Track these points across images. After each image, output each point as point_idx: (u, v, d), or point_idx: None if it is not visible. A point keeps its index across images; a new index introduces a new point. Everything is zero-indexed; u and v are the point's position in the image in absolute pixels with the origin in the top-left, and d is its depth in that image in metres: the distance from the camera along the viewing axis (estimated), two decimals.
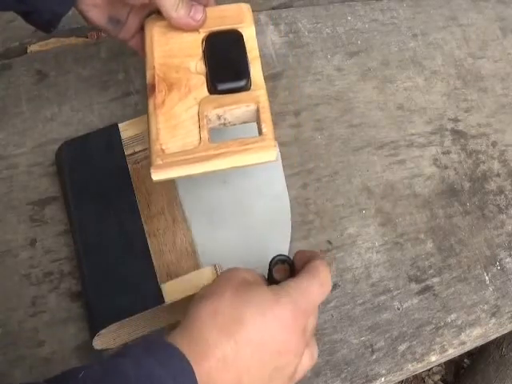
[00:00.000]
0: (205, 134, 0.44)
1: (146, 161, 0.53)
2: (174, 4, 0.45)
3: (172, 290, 0.47)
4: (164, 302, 0.46)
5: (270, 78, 0.65)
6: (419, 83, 0.69)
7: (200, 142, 0.44)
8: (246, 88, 0.46)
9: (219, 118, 0.46)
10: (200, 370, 0.33)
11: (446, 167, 0.64)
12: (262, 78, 0.47)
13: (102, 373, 0.32)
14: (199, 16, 0.46)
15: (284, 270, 0.46)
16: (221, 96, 0.46)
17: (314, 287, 0.38)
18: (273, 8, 0.72)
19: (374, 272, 0.56)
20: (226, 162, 0.44)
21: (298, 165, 0.60)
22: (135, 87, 0.61)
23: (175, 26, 0.47)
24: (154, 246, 0.51)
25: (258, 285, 0.38)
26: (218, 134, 0.47)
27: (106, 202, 0.51)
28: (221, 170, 0.45)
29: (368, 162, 0.62)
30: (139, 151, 0.54)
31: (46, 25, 0.47)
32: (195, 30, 0.48)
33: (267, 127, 0.45)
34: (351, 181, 0.61)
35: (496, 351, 0.98)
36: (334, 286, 0.55)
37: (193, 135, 0.44)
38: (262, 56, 0.66)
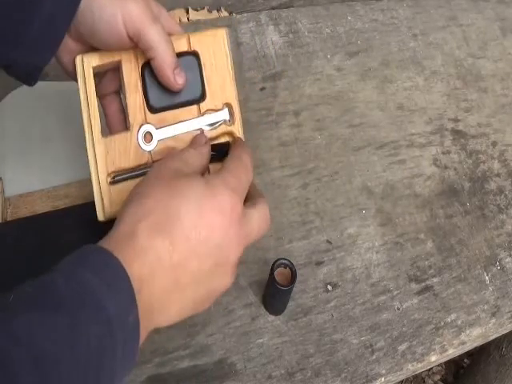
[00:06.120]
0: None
1: None
2: (173, 63, 0.42)
3: None
4: None
5: (270, 77, 0.65)
6: (419, 83, 0.69)
7: None
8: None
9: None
10: (134, 274, 0.31)
11: (446, 167, 0.64)
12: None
13: (32, 293, 0.29)
14: (181, 80, 0.43)
15: (285, 274, 0.47)
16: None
17: (242, 172, 0.38)
18: (273, 8, 0.72)
19: (374, 272, 0.56)
20: None
21: (298, 165, 0.60)
22: None
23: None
24: None
25: (191, 176, 0.36)
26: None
27: None
28: None
29: (368, 162, 0.62)
30: None
31: (27, 77, 0.45)
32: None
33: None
34: (351, 181, 0.61)
35: (496, 351, 0.98)
36: (334, 286, 0.55)
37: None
38: (263, 56, 0.66)
